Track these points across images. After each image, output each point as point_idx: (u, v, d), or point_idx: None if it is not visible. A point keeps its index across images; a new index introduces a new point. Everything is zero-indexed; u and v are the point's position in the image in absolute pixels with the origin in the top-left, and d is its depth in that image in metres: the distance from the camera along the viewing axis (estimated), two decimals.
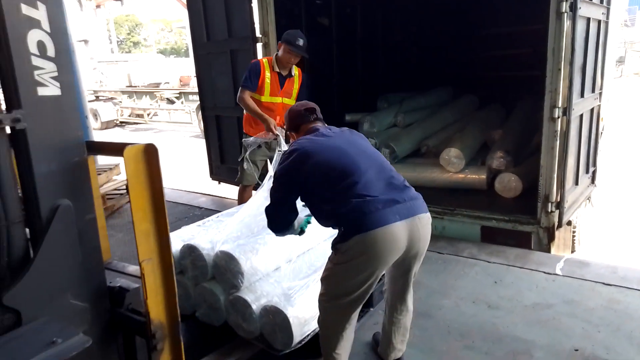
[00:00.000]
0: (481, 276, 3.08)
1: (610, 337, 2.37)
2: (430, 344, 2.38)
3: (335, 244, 1.80)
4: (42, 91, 1.35)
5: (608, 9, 3.79)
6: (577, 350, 2.28)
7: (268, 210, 1.99)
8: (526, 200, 3.80)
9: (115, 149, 1.48)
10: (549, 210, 3.41)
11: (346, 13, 5.96)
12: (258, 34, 4.19)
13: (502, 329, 2.48)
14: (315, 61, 5.47)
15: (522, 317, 2.58)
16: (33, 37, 1.31)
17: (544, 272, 3.07)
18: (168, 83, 15.82)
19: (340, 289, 1.80)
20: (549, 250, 3.49)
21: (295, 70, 3.47)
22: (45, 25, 1.33)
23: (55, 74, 1.37)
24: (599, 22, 3.71)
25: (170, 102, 13.85)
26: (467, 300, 2.78)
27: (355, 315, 1.91)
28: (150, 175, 1.45)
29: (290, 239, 2.25)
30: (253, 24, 4.13)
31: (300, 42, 3.27)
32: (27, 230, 1.41)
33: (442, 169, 4.34)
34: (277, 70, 3.36)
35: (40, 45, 1.33)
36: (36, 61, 1.32)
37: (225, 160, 4.85)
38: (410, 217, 1.76)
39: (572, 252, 3.88)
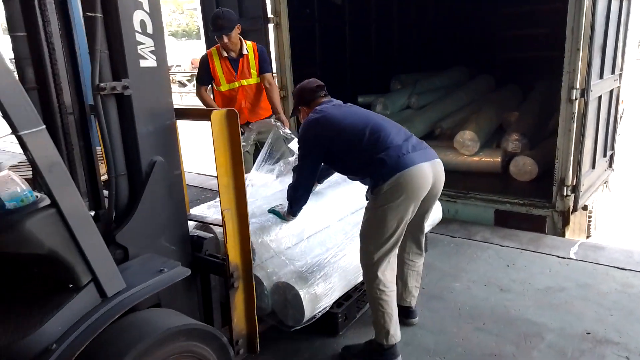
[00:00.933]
0: (494, 259, 3.06)
1: (622, 321, 2.35)
2: (441, 325, 2.39)
3: (374, 188, 1.99)
4: (143, 63, 1.58)
5: None
6: (588, 333, 2.27)
7: (296, 180, 2.22)
8: (541, 183, 3.75)
9: (202, 114, 1.76)
10: (565, 194, 3.37)
11: None
12: (270, 14, 4.14)
13: (513, 311, 2.48)
14: (327, 41, 5.42)
15: (534, 300, 2.57)
16: (137, 17, 1.54)
17: (558, 256, 3.04)
18: (180, 66, 15.84)
19: (384, 230, 1.98)
20: (563, 235, 3.45)
21: (248, 47, 3.28)
22: (146, 6, 1.56)
23: (153, 48, 1.60)
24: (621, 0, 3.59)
25: (182, 85, 13.90)
26: (478, 283, 2.78)
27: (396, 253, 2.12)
28: (230, 136, 1.68)
29: (300, 218, 2.36)
30: (264, 3, 4.08)
31: (218, 22, 3.09)
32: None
33: (456, 152, 4.30)
34: (226, 55, 3.24)
35: (142, 23, 1.56)
36: (139, 37, 1.56)
37: None
38: (431, 160, 2.03)
39: (588, 237, 3.84)
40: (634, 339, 2.22)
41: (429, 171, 2.00)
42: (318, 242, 2.45)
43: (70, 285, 1.38)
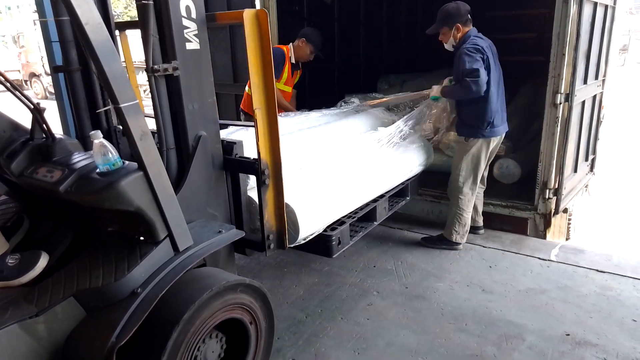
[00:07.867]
0: (476, 260, 3.09)
1: (601, 323, 2.39)
2: (423, 325, 2.40)
3: (469, 136, 3.03)
4: (189, 46, 1.70)
5: None
6: (568, 335, 2.30)
7: (474, 83, 2.78)
8: (524, 186, 3.79)
9: (234, 15, 1.84)
10: (547, 197, 3.41)
11: None
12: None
13: (495, 312, 2.50)
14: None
15: (515, 302, 2.60)
16: (183, 3, 1.65)
17: (539, 258, 3.08)
18: None
19: (471, 167, 3.05)
20: (544, 237, 3.50)
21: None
22: None
23: (196, 32, 1.71)
24: (606, 7, 3.65)
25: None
26: (461, 283, 2.80)
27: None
28: (261, 36, 1.74)
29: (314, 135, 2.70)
30: None
31: (322, 43, 3.57)
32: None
33: (440, 153, 4.30)
34: (293, 61, 3.55)
35: (187, 9, 1.67)
36: (185, 22, 1.67)
37: None
38: (505, 131, 3.13)
39: (567, 239, 3.89)
40: (612, 341, 2.25)
41: (501, 139, 3.14)
42: (318, 168, 2.51)
43: (142, 239, 1.57)
